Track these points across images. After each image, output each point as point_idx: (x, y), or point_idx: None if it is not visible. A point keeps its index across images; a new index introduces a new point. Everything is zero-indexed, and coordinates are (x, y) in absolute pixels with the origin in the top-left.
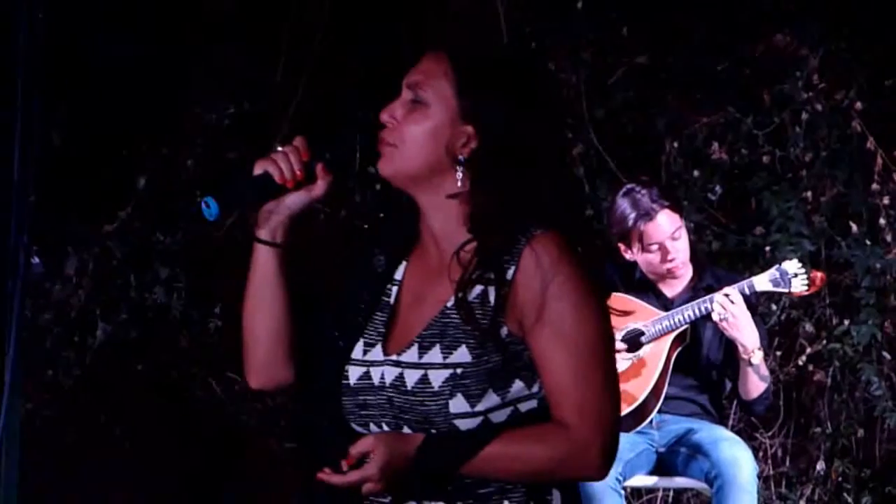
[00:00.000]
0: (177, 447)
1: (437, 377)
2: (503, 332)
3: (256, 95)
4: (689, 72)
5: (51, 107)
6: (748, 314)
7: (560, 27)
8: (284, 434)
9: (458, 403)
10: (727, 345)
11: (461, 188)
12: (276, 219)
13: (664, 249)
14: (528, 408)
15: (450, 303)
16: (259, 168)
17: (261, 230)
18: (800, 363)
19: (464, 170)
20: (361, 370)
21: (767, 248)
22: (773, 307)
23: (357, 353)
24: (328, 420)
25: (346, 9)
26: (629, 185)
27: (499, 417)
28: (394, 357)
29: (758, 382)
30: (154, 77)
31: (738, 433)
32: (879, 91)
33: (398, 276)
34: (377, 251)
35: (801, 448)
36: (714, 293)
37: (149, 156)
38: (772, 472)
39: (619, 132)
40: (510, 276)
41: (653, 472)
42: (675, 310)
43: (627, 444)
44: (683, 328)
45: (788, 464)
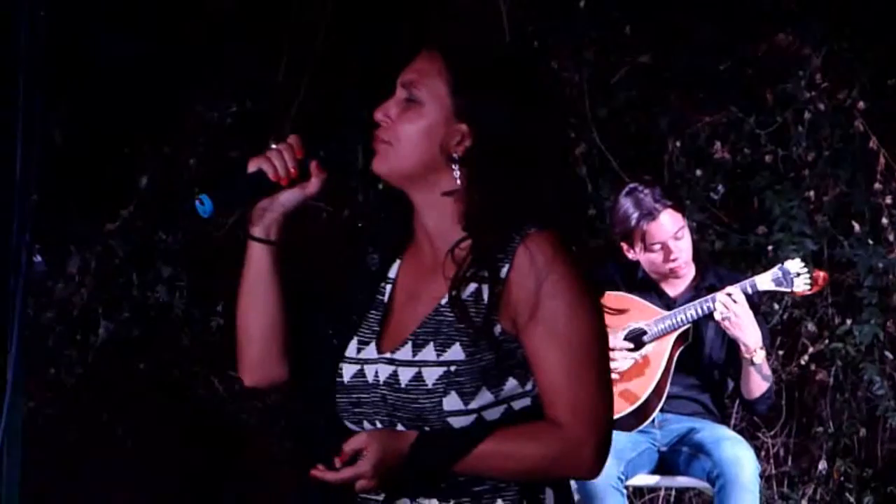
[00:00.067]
0: (179, 445)
1: (431, 375)
2: (497, 330)
3: (258, 94)
4: (692, 71)
5: (53, 106)
6: (750, 313)
7: (563, 26)
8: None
9: (452, 401)
10: (729, 344)
11: (456, 186)
12: (271, 216)
13: (667, 249)
14: (522, 406)
15: (444, 300)
16: (253, 165)
17: (255, 227)
18: (802, 363)
19: (458, 168)
20: (355, 368)
21: (770, 248)
22: (776, 306)
23: (351, 351)
24: (322, 418)
25: (348, 8)
26: (632, 185)
27: (492, 415)
28: (388, 355)
29: (760, 382)
30: (156, 76)
31: (741, 432)
32: (882, 90)
33: (392, 275)
34: (371, 249)
35: (803, 447)
36: (716, 292)
37: (151, 154)
38: (774, 472)
39: (622, 131)
40: (504, 275)
41: (655, 472)
42: (678, 309)
43: (629, 444)
44: (686, 327)
45: (790, 463)
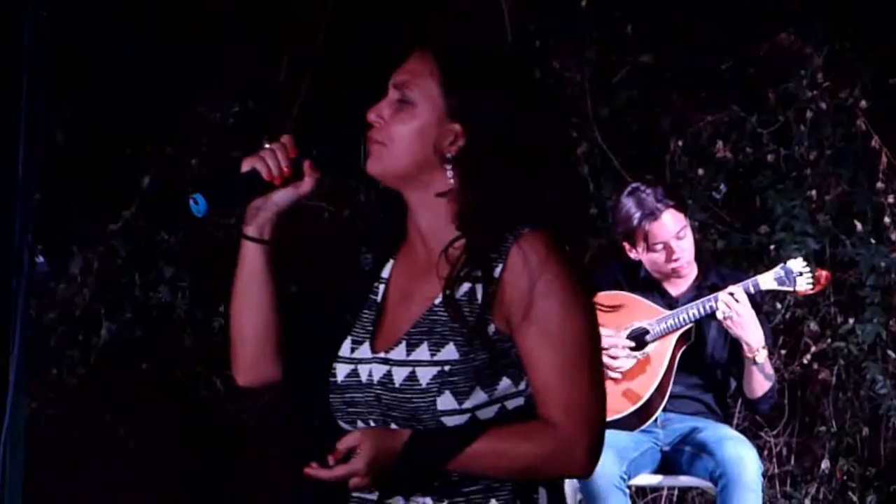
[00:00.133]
0: (181, 446)
1: (425, 374)
2: (490, 330)
3: (260, 94)
4: (694, 70)
5: (55, 106)
6: (753, 313)
7: (564, 25)
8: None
9: (446, 400)
10: (732, 343)
11: (449, 186)
12: (264, 215)
13: (669, 249)
14: (515, 405)
15: (437, 300)
16: (247, 165)
17: (248, 227)
18: (804, 362)
19: (452, 168)
20: (349, 367)
21: (772, 247)
22: (778, 306)
23: (345, 351)
24: (315, 417)
25: (350, 8)
26: (634, 185)
27: (486, 414)
28: (382, 354)
29: (762, 381)
30: (158, 76)
31: (743, 432)
32: (884, 90)
33: (385, 274)
34: (364, 249)
35: (806, 447)
36: (719, 292)
37: (153, 155)
38: (777, 471)
39: (624, 131)
40: (498, 274)
41: (657, 471)
42: (680, 308)
43: (632, 443)
44: (688, 327)
45: (793, 462)
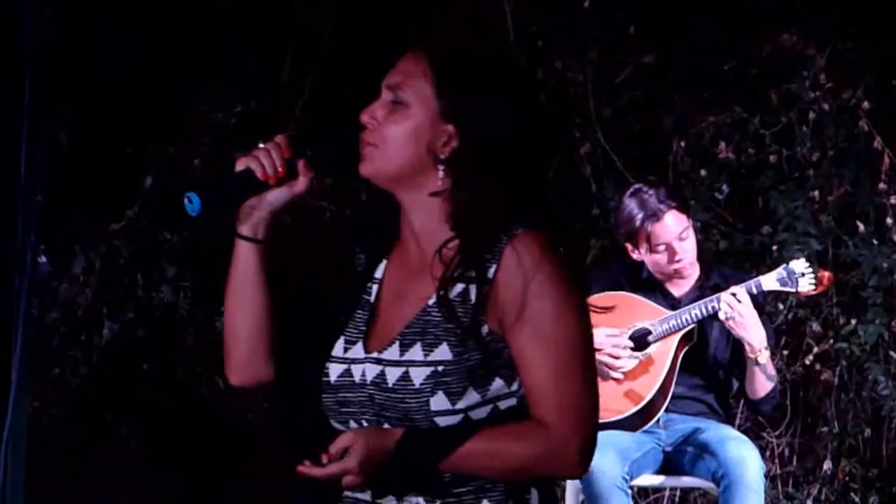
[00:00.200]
0: (183, 445)
1: (419, 374)
2: (484, 331)
3: (263, 95)
4: (696, 71)
5: (57, 106)
6: (755, 313)
7: (567, 26)
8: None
9: (439, 401)
10: (734, 344)
11: (442, 187)
12: (258, 215)
13: (671, 250)
14: (508, 405)
15: (431, 300)
16: (241, 164)
17: (242, 226)
18: (807, 362)
19: (445, 169)
20: (342, 367)
21: (774, 248)
22: (780, 306)
23: (338, 351)
24: (308, 417)
25: (353, 8)
26: (636, 186)
27: (479, 415)
28: (375, 354)
29: (765, 382)
30: (160, 76)
31: (745, 432)
32: (887, 90)
33: (378, 275)
34: (358, 249)
35: (808, 447)
36: (721, 292)
37: (155, 155)
38: (779, 472)
39: (626, 131)
40: (491, 275)
41: (660, 472)
42: (682, 309)
43: (634, 444)
44: (690, 327)
45: (795, 463)
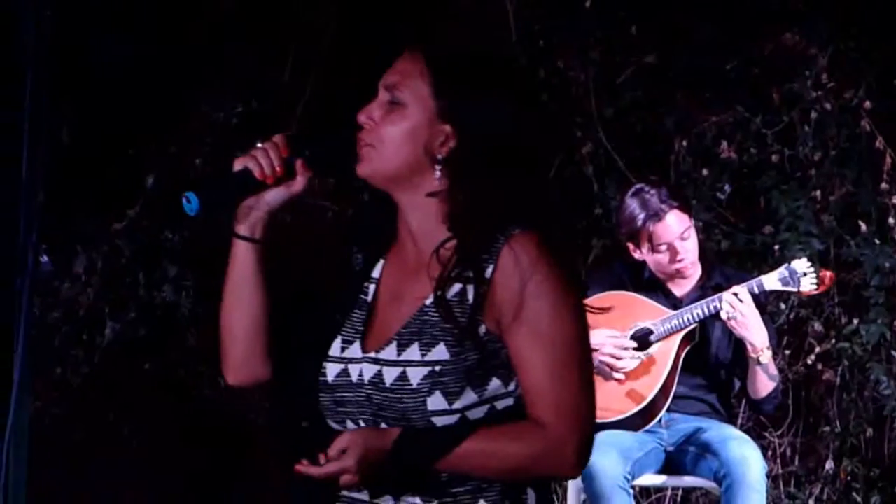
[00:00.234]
0: (185, 445)
1: (416, 374)
2: (481, 331)
3: (264, 94)
4: (698, 71)
5: (59, 106)
6: (757, 313)
7: (569, 26)
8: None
9: (437, 401)
10: (736, 344)
11: (440, 187)
12: (256, 214)
13: (673, 250)
14: (505, 405)
15: (428, 301)
16: (239, 164)
17: (240, 226)
18: (809, 362)
19: (442, 169)
20: (339, 367)
21: (776, 247)
22: (782, 306)
23: (335, 351)
24: (305, 417)
25: (354, 8)
26: (638, 185)
27: (476, 415)
28: (372, 354)
29: (766, 381)
30: (162, 76)
31: (747, 432)
32: (888, 90)
33: (376, 274)
34: (355, 249)
35: (810, 447)
36: (723, 292)
37: (157, 154)
38: (781, 471)
39: (628, 131)
40: (489, 275)
41: (661, 471)
42: (684, 309)
43: (636, 443)
44: (692, 327)
45: (797, 463)
